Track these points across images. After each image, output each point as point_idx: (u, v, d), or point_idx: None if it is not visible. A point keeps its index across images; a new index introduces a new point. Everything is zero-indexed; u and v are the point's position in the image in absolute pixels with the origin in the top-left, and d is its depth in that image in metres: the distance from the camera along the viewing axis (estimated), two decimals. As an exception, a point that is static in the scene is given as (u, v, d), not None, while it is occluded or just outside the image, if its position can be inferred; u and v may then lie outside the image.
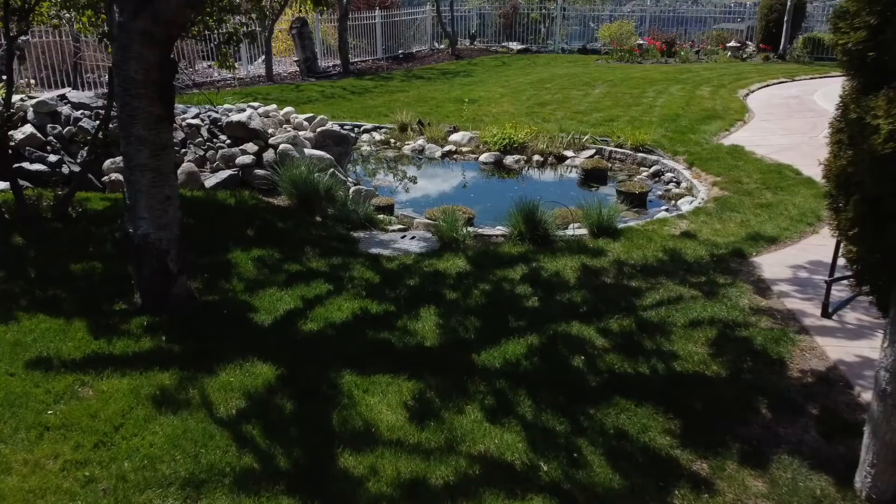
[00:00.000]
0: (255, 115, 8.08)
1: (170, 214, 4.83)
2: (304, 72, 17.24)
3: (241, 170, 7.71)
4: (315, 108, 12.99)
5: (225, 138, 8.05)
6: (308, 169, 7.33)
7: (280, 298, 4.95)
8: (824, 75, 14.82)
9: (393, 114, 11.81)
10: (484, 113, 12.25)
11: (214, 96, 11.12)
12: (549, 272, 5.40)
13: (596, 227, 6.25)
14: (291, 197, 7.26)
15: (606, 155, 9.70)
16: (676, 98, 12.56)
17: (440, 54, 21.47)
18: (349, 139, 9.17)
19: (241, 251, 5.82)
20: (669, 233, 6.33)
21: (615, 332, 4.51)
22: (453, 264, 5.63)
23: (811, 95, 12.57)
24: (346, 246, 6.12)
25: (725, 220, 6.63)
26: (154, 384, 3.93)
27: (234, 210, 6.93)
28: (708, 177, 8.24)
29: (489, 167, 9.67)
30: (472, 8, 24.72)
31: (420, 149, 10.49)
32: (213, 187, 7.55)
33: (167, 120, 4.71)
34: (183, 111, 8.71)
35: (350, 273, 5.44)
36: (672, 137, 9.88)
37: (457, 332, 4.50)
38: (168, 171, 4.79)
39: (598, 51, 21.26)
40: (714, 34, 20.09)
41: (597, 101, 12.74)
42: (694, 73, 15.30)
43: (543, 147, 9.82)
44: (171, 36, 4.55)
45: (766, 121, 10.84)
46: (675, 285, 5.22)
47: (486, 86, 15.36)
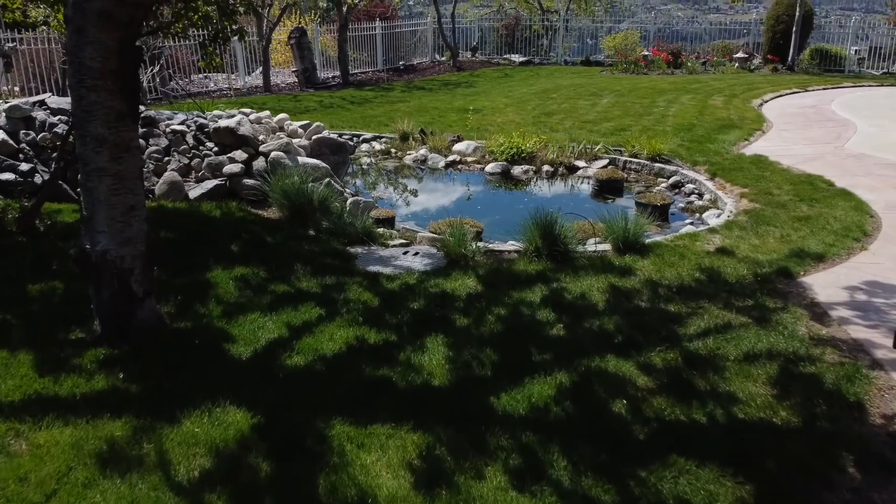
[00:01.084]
0: (244, 121, 7.32)
1: (134, 227, 4.05)
2: (302, 83, 16.53)
3: (228, 179, 6.94)
4: (312, 118, 12.22)
5: (212, 145, 7.28)
6: (301, 178, 6.56)
7: (262, 325, 4.15)
8: (837, 86, 14.13)
9: (394, 123, 11.07)
10: (488, 122, 11.51)
11: (206, 104, 10.37)
12: (573, 294, 4.61)
13: (621, 242, 5.47)
14: (283, 209, 6.48)
15: (621, 165, 8.94)
16: (689, 108, 11.83)
17: (441, 66, 20.81)
18: (347, 148, 8.42)
19: (223, 269, 5.03)
20: (703, 249, 5.56)
21: (659, 368, 3.72)
22: (462, 284, 4.85)
23: (828, 105, 11.85)
24: (341, 263, 5.33)
25: (763, 234, 5.86)
26: (102, 436, 3.13)
27: (219, 223, 6.15)
28: (734, 188, 7.48)
29: (496, 178, 8.91)
30: (473, 20, 24.11)
31: (422, 159, 9.74)
32: (197, 198, 6.78)
33: (130, 117, 3.94)
34: (169, 117, 7.95)
35: (345, 294, 4.65)
36: (689, 147, 9.13)
37: (470, 367, 3.71)
38: (132, 176, 4.01)
39: (601, 62, 20.60)
40: (720, 45, 19.44)
41: (606, 111, 12.01)
42: (703, 84, 14.59)
43: (553, 157, 9.07)
44: (134, 17, 3.78)
45: (785, 130, 10.10)
46: (720, 310, 4.44)
47: (490, 96, 14.65)
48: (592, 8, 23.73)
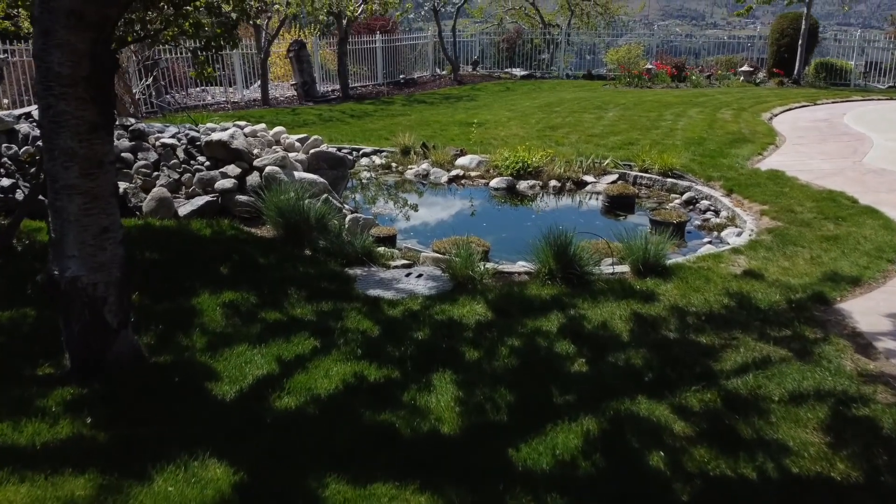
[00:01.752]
0: (238, 134, 6.91)
1: (108, 251, 3.61)
2: (301, 96, 16.16)
3: (220, 195, 6.51)
4: (311, 131, 11.81)
5: (204, 160, 6.86)
6: (297, 194, 6.14)
7: (250, 360, 3.70)
8: (846, 99, 13.78)
9: (394, 137, 10.66)
10: (492, 136, 11.12)
11: (200, 116, 9.97)
12: (593, 323, 4.17)
13: (641, 264, 5.04)
14: (277, 227, 6.06)
15: (631, 180, 8.53)
16: (697, 121, 11.44)
17: (442, 80, 20.48)
18: (346, 162, 8.01)
19: (210, 294, 4.59)
20: (728, 271, 5.13)
21: (696, 411, 3.27)
22: (471, 310, 4.41)
23: (840, 119, 11.48)
24: (339, 286, 4.89)
25: (792, 256, 5.43)
26: (61, 497, 2.68)
27: (209, 242, 5.71)
28: (752, 205, 7.06)
29: (501, 193, 8.49)
30: (474, 34, 23.83)
31: (424, 173, 9.33)
32: (187, 216, 6.35)
33: (104, 128, 3.51)
34: (160, 130, 7.54)
35: (343, 323, 4.21)
36: (702, 162, 8.73)
37: (483, 410, 3.26)
38: (106, 194, 3.59)
39: (603, 76, 20.29)
40: (724, 59, 19.13)
41: (612, 125, 11.62)
42: (710, 97, 14.22)
43: (560, 171, 8.66)
44: (108, 18, 3.37)
45: (799, 145, 9.71)
46: (756, 342, 4.00)
47: (492, 109, 14.27)
48: (594, 22, 23.45)
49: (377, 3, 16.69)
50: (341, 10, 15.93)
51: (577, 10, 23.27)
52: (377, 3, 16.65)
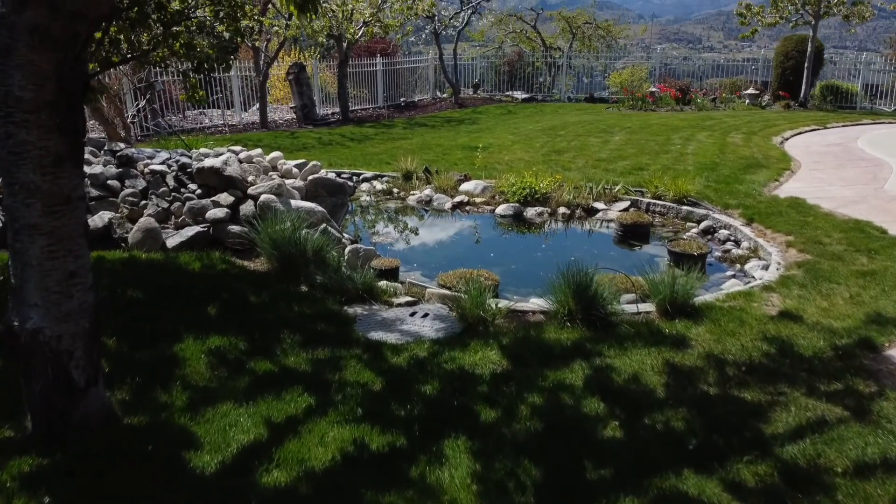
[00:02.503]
0: (232, 160, 6.49)
1: (75, 299, 3.15)
2: (301, 119, 15.82)
3: (211, 226, 6.07)
4: (310, 155, 11.45)
5: (195, 188, 6.43)
6: (294, 224, 5.70)
7: (236, 422, 3.23)
8: (856, 123, 13.44)
9: (396, 161, 10.27)
10: (496, 160, 10.72)
11: (195, 140, 9.57)
12: (623, 376, 3.70)
13: (669, 303, 4.58)
14: (271, 260, 5.61)
15: (644, 207, 8.11)
16: (707, 145, 11.06)
17: (443, 103, 20.19)
18: (346, 189, 7.59)
19: (195, 339, 4.13)
20: (763, 312, 4.67)
21: (752, 487, 2.80)
22: (484, 358, 3.94)
23: (854, 143, 11.11)
24: (337, 329, 4.43)
25: (828, 294, 4.98)
26: None
27: (198, 278, 5.26)
28: (776, 235, 6.63)
29: (508, 221, 8.06)
30: (474, 57, 23.62)
31: (427, 199, 8.91)
32: (176, 247, 5.90)
33: (71, 160, 3.07)
34: (150, 156, 7.12)
35: (341, 374, 3.74)
36: (717, 188, 8.31)
37: (506, 490, 2.78)
38: (73, 234, 3.13)
39: (605, 99, 20.02)
40: (728, 82, 18.86)
41: (619, 149, 11.24)
42: (717, 121, 13.87)
43: (569, 198, 8.23)
44: (76, 35, 2.95)
45: (816, 170, 9.31)
46: (806, 398, 3.54)
47: (495, 133, 13.91)
48: (596, 45, 23.24)
49: (378, 26, 16.42)
50: (342, 33, 15.64)
51: (579, 34, 23.06)
52: (378, 25, 16.38)
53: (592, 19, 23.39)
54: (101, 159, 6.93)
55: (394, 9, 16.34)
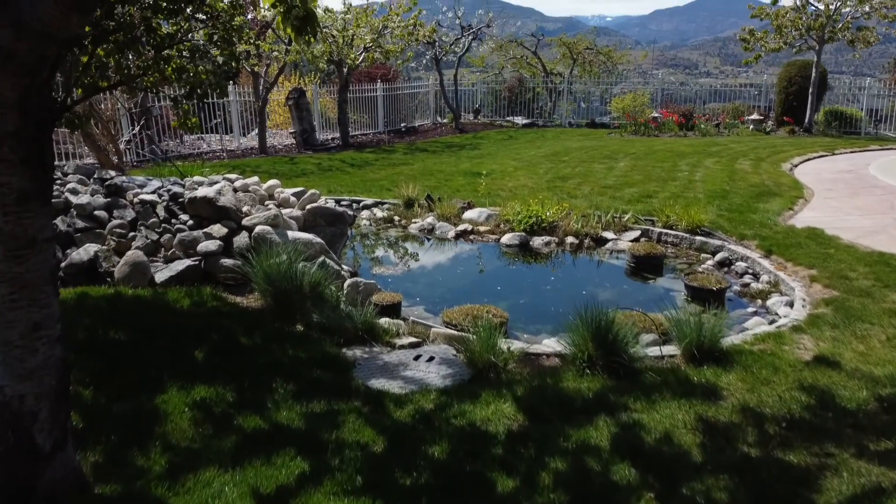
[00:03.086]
0: (226, 190, 6.15)
1: (40, 354, 2.78)
2: (300, 144, 15.55)
3: (203, 259, 5.71)
4: (309, 182, 11.15)
5: (186, 218, 6.08)
6: (290, 258, 5.34)
7: (219, 493, 2.83)
8: (864, 149, 13.17)
9: (397, 188, 9.96)
10: (499, 187, 10.41)
11: (190, 167, 9.25)
12: (653, 435, 3.31)
13: (695, 347, 4.21)
14: (266, 296, 5.24)
15: (655, 237, 7.76)
16: (716, 172, 10.76)
17: (443, 128, 19.98)
18: (345, 218, 7.23)
19: (179, 389, 3.74)
20: (796, 357, 4.30)
21: (814, 578, 2.41)
22: (497, 413, 3.55)
23: (865, 170, 10.81)
24: (335, 376, 4.05)
25: (863, 336, 4.61)
26: None
27: (186, 317, 4.88)
28: (797, 269, 6.28)
29: (514, 251, 7.71)
30: (475, 82, 23.48)
31: (429, 228, 8.56)
32: (165, 282, 5.54)
33: (38, 198, 2.72)
34: (141, 184, 6.78)
35: (339, 433, 3.34)
36: (731, 217, 7.98)
37: (529, 580, 2.38)
38: (39, 281, 2.77)
39: (607, 124, 19.82)
40: (730, 107, 18.67)
41: (625, 175, 10.94)
42: (723, 147, 13.60)
43: (577, 227, 7.89)
44: (43, 58, 2.61)
45: (829, 199, 8.99)
46: (855, 459, 3.15)
47: (497, 159, 13.63)
48: (597, 70, 23.13)
49: (378, 52, 16.24)
50: (342, 59, 15.44)
51: (580, 59, 22.96)
52: (378, 51, 16.20)
53: (593, 45, 23.29)
54: (89, 188, 6.59)
55: (394, 35, 16.17)
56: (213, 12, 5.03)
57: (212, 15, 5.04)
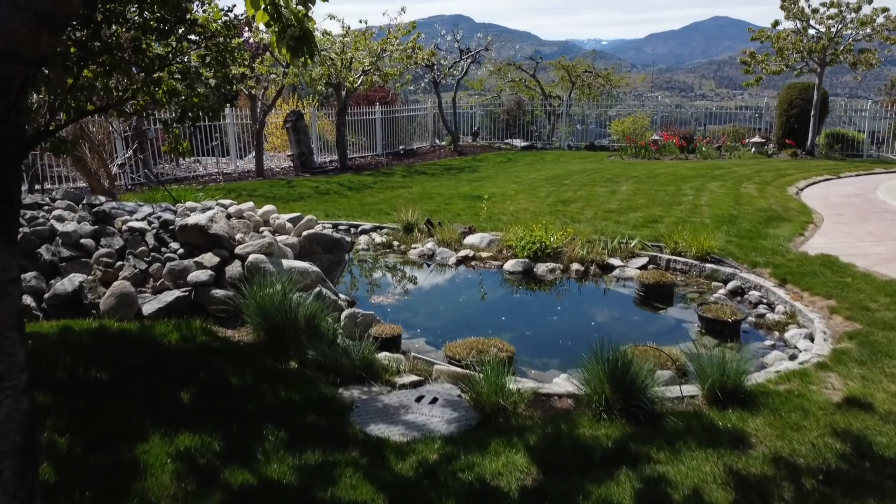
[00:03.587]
0: (219, 217, 5.88)
1: (4, 408, 2.47)
2: (298, 167, 15.33)
3: (193, 290, 5.42)
4: (306, 206, 10.90)
5: (177, 247, 5.80)
6: (285, 288, 5.06)
7: (201, 564, 2.52)
8: (869, 172, 12.99)
9: (396, 212, 9.72)
10: (500, 211, 10.17)
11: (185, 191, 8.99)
12: (681, 491, 3.00)
13: (718, 388, 3.92)
14: (258, 330, 4.95)
15: (664, 264, 7.50)
16: (721, 196, 10.53)
17: (442, 150, 19.81)
18: (343, 245, 6.96)
19: (163, 437, 3.44)
20: (825, 398, 4.00)
21: None
22: (509, 465, 3.25)
23: (873, 194, 10.60)
24: (330, 420, 3.74)
25: (893, 374, 4.32)
26: None
27: (174, 353, 4.58)
28: (814, 299, 6.00)
29: (517, 278, 7.43)
30: (473, 105, 23.39)
31: (430, 253, 8.29)
32: (153, 314, 5.24)
33: (1, 236, 2.45)
34: (132, 210, 6.51)
35: (334, 490, 3.03)
36: (740, 244, 7.72)
37: None
38: (3, 328, 2.48)
39: (606, 147, 19.68)
40: (731, 129, 18.55)
41: (628, 199, 10.71)
42: (726, 170, 13.41)
43: (582, 253, 7.62)
44: (9, 80, 2.35)
45: (840, 224, 8.75)
46: (907, 519, 2.85)
47: (497, 181, 13.42)
48: (596, 93, 23.07)
49: (377, 75, 16.10)
50: (340, 82, 15.29)
51: (579, 82, 22.91)
52: (377, 74, 16.06)
53: (592, 68, 23.26)
54: (77, 215, 6.32)
55: (393, 58, 16.06)
56: (205, 33, 4.81)
57: (205, 36, 4.81)
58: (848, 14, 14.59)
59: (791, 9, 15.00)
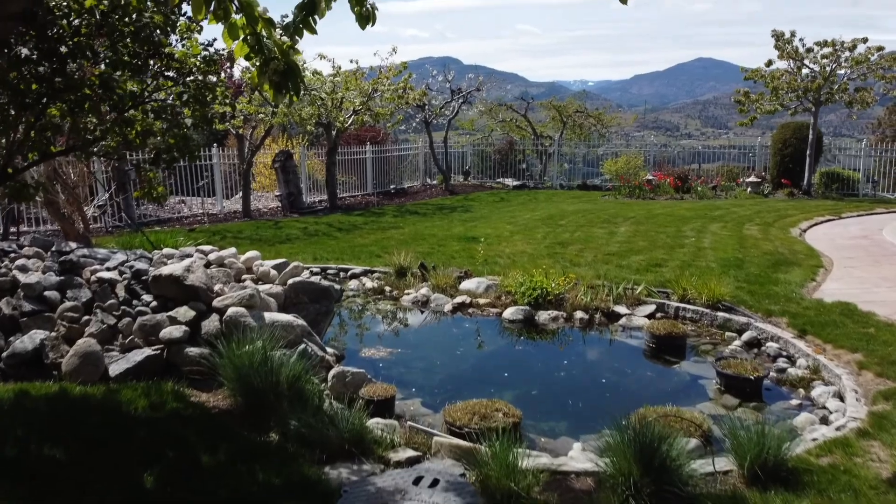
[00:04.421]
0: (197, 266, 5.40)
1: None
2: (286, 207, 14.92)
3: (166, 347, 4.91)
4: (293, 248, 10.45)
5: (150, 299, 5.30)
6: (266, 346, 4.56)
7: None
8: (870, 212, 12.73)
9: (387, 254, 9.28)
10: (496, 253, 9.75)
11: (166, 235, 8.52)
12: None
13: (759, 466, 3.44)
14: (235, 394, 4.44)
15: (672, 313, 7.06)
16: (724, 238, 10.18)
17: (433, 189, 19.51)
18: (331, 293, 6.49)
19: (115, 535, 2.90)
20: (874, 473, 3.53)
21: None
22: (523, 565, 2.74)
23: (879, 235, 10.28)
24: (316, 509, 3.22)
25: (947, 442, 3.87)
26: None
27: (140, 425, 4.05)
28: (839, 352, 5.58)
29: (518, 327, 6.97)
30: (465, 144, 23.21)
31: (424, 300, 7.82)
32: (120, 376, 4.72)
33: None
34: (104, 258, 6.02)
35: None
36: (751, 290, 7.31)
37: None
38: None
39: (599, 187, 19.44)
40: (725, 169, 18.39)
41: (628, 241, 10.33)
42: (725, 210, 13.12)
43: (586, 300, 7.18)
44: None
45: (851, 267, 8.39)
46: None
47: (491, 222, 13.05)
48: (587, 133, 22.99)
49: (368, 115, 15.85)
50: (331, 121, 15.01)
51: (570, 122, 22.83)
52: (368, 114, 15.80)
53: (584, 108, 23.22)
54: (44, 264, 5.82)
55: (384, 98, 15.83)
56: (183, 69, 4.41)
57: (182, 72, 4.41)
58: (842, 53, 14.55)
59: (785, 48, 14.94)
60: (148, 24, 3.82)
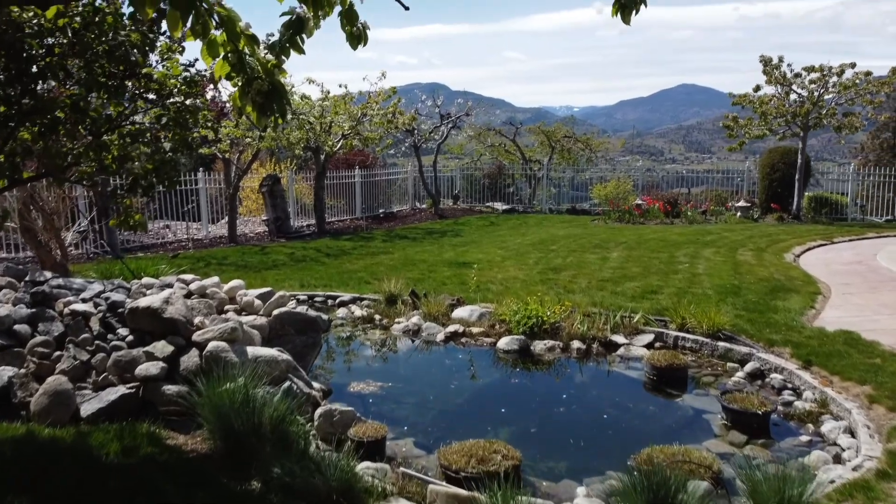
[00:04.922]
0: (176, 297, 5.09)
1: None
2: (273, 232, 14.62)
3: (142, 385, 4.59)
4: (280, 275, 10.14)
5: (126, 333, 4.97)
6: (248, 385, 4.24)
7: None
8: (861, 236, 12.63)
9: (377, 280, 9.01)
10: (488, 279, 9.50)
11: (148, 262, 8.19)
12: None
13: (780, 517, 3.17)
14: (215, 436, 4.11)
15: (671, 342, 6.82)
16: (718, 264, 10.00)
17: (422, 213, 19.29)
18: (318, 324, 6.18)
19: None
20: (905, 523, 3.28)
21: None
22: None
23: (874, 260, 10.14)
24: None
25: (976, 487, 3.62)
26: None
27: (110, 473, 3.71)
28: (846, 384, 5.34)
29: (513, 357, 6.69)
30: (454, 169, 23.07)
31: (415, 329, 7.54)
32: (93, 416, 4.39)
33: None
34: (79, 289, 5.70)
35: None
36: (751, 318, 7.09)
37: None
38: None
39: (588, 211, 19.32)
40: (714, 193, 18.34)
41: (621, 267, 10.12)
42: (717, 235, 12.97)
43: (583, 329, 6.93)
44: None
45: (849, 294, 8.21)
46: None
47: (482, 247, 12.81)
48: (575, 157, 22.96)
49: (357, 139, 15.66)
50: (319, 145, 14.79)
51: (559, 147, 22.81)
52: (357, 138, 15.62)
53: (572, 133, 23.22)
54: (15, 295, 5.49)
55: (374, 122, 15.66)
56: (162, 90, 4.16)
57: (161, 94, 4.16)
58: (830, 78, 14.60)
59: (773, 73, 14.97)
60: (124, 43, 3.57)
